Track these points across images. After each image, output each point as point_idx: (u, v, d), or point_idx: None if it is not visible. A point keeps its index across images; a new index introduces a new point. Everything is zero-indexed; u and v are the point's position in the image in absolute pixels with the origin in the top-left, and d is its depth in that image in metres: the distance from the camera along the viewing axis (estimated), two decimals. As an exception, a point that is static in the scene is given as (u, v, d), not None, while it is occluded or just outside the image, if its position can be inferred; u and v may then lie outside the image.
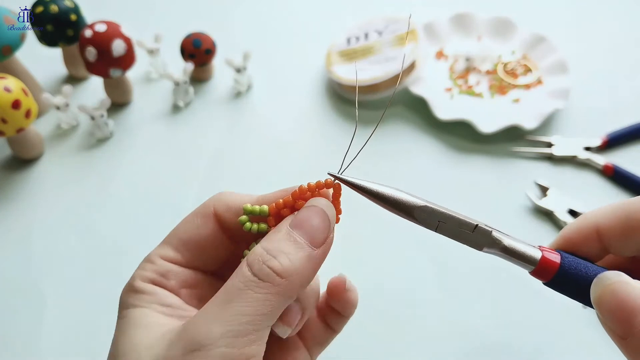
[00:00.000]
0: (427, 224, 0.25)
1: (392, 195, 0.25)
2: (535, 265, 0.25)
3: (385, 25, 0.69)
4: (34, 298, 0.49)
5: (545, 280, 0.26)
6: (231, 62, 0.65)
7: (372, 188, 0.26)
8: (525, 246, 0.25)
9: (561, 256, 0.25)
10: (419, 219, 0.25)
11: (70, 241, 0.53)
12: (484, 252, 0.26)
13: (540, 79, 0.66)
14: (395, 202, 0.25)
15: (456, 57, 0.69)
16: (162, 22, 0.79)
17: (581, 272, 0.25)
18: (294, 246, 0.24)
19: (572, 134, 0.61)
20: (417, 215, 0.25)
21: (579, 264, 0.25)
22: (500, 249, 0.25)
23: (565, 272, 0.25)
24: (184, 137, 0.64)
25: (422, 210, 0.25)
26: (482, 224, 0.25)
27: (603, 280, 0.23)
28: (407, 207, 0.25)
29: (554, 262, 0.25)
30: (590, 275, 0.25)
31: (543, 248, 0.26)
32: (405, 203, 0.25)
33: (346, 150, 0.27)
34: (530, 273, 0.26)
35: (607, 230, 0.25)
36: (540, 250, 0.25)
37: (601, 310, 0.22)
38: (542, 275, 0.25)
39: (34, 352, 0.46)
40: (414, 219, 0.25)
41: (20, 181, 0.59)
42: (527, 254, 0.25)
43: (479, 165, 0.59)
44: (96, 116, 0.60)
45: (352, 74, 0.65)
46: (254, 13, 0.81)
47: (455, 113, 0.61)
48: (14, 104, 0.53)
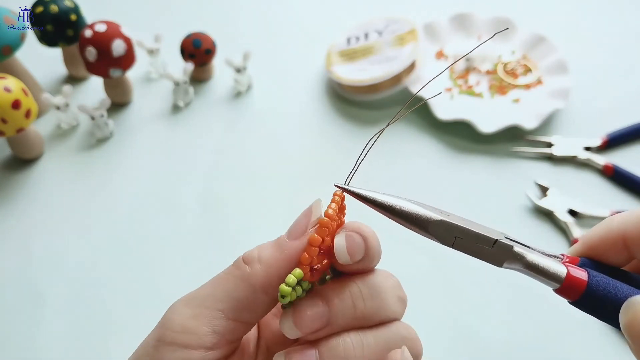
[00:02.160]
0: (443, 240, 0.23)
1: (404, 209, 0.23)
2: (560, 283, 0.23)
3: (385, 25, 0.69)
4: (34, 298, 0.49)
5: (571, 300, 0.24)
6: (231, 62, 0.65)
7: (382, 200, 0.23)
8: (549, 262, 0.23)
9: (589, 275, 0.23)
10: (434, 234, 0.23)
11: (70, 241, 0.53)
12: (504, 268, 0.23)
13: (540, 79, 0.66)
14: (408, 216, 0.23)
15: (456, 57, 0.69)
16: (162, 22, 0.79)
17: (610, 293, 0.23)
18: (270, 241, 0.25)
19: (572, 134, 0.61)
20: (432, 230, 0.23)
21: (608, 284, 0.23)
22: (523, 265, 0.23)
23: (593, 292, 0.23)
24: (184, 137, 0.64)
25: (438, 225, 0.23)
26: (503, 236, 0.23)
27: (634, 305, 0.21)
28: (422, 222, 0.23)
29: (581, 281, 0.23)
30: (621, 297, 0.22)
31: (567, 263, 0.24)
32: (419, 217, 0.23)
33: (356, 161, 0.25)
34: (555, 291, 0.24)
35: (636, 239, 0.24)
36: (565, 267, 0.23)
37: (631, 337, 0.20)
38: (567, 294, 0.23)
39: (34, 352, 0.46)
40: (428, 235, 0.23)
41: (20, 181, 0.59)
42: (551, 271, 0.23)
43: (479, 165, 0.59)
44: (96, 116, 0.60)
45: (352, 74, 0.65)
46: (254, 13, 0.81)
47: (455, 113, 0.61)
48: (14, 104, 0.53)
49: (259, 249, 0.25)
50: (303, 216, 0.25)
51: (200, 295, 0.24)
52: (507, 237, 0.23)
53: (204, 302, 0.24)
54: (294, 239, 0.24)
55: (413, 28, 0.66)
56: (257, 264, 0.24)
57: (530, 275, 0.23)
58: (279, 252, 0.24)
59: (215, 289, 0.24)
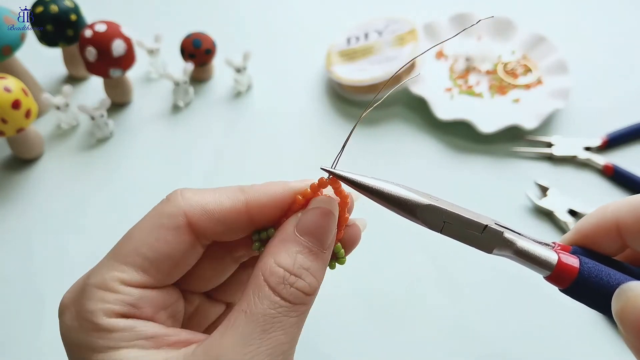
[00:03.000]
0: (431, 225, 0.23)
1: (392, 193, 0.23)
2: (551, 270, 0.23)
3: (385, 25, 0.69)
4: (34, 298, 0.49)
5: (562, 287, 0.23)
6: (231, 62, 0.65)
7: (370, 184, 0.23)
8: (540, 249, 0.23)
9: (580, 261, 0.23)
10: (422, 219, 0.23)
11: (70, 241, 0.53)
12: (494, 255, 0.23)
13: (540, 79, 0.66)
14: (396, 200, 0.23)
15: (456, 57, 0.69)
16: (162, 22, 0.79)
17: (602, 280, 0.22)
18: (311, 257, 0.23)
19: (572, 134, 0.61)
20: (420, 215, 0.23)
21: (600, 271, 0.22)
22: (513, 252, 0.23)
23: (585, 279, 0.22)
24: (184, 137, 0.64)
25: (426, 209, 0.22)
26: (493, 222, 0.23)
27: (626, 292, 0.20)
28: (410, 206, 0.23)
29: (573, 268, 0.22)
30: (613, 284, 0.22)
31: (559, 250, 0.24)
32: (407, 202, 0.23)
33: (342, 144, 0.25)
34: (545, 278, 0.23)
35: (630, 226, 0.23)
36: (556, 254, 0.23)
37: (623, 325, 0.20)
38: (558, 281, 0.23)
39: (34, 352, 0.46)
40: (416, 219, 0.23)
41: (20, 181, 0.59)
42: (542, 258, 0.23)
43: (479, 165, 0.59)
44: (96, 116, 0.60)
45: (352, 74, 0.65)
46: (254, 13, 0.81)
47: (455, 113, 0.61)
48: (14, 104, 0.53)
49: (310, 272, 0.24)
50: (329, 222, 0.25)
51: None
52: (497, 224, 0.23)
53: None
54: (328, 248, 0.24)
55: (413, 28, 0.66)
56: None
57: (521, 262, 0.23)
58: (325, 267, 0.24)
59: None
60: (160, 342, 0.22)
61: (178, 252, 0.24)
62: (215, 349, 0.21)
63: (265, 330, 0.21)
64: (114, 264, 0.23)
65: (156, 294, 0.24)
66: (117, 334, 0.22)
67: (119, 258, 0.23)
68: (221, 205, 0.24)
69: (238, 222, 0.25)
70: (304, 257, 0.23)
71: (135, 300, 0.23)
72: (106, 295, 0.22)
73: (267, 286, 0.22)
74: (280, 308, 0.21)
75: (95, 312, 0.22)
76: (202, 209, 0.24)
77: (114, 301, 0.22)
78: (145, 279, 0.23)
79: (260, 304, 0.21)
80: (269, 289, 0.22)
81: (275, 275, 0.22)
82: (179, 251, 0.24)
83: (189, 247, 0.24)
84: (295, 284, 0.22)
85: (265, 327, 0.21)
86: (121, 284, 0.23)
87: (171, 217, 0.24)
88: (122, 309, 0.22)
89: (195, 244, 0.25)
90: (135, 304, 0.23)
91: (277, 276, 0.22)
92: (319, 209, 0.24)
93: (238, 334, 0.21)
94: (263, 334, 0.21)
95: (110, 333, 0.22)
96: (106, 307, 0.22)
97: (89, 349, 0.22)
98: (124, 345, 0.21)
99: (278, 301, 0.22)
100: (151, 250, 0.23)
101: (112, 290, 0.22)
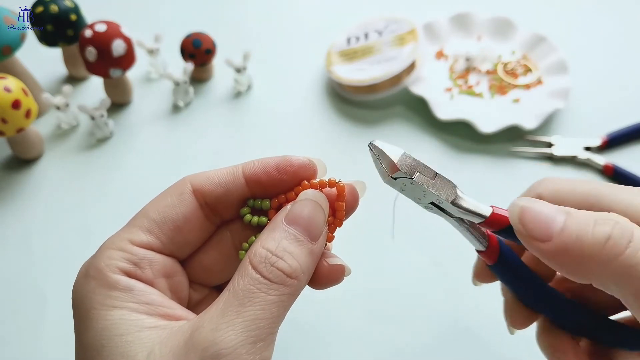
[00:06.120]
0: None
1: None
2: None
3: (385, 25, 0.69)
4: (34, 298, 0.49)
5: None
6: (231, 62, 0.65)
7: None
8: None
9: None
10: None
11: (70, 241, 0.53)
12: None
13: (540, 79, 0.66)
14: None
15: (456, 57, 0.69)
16: (162, 22, 0.79)
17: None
18: (295, 244, 0.24)
19: (572, 134, 0.61)
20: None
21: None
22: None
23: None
24: (184, 137, 0.64)
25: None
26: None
27: (520, 201, 0.24)
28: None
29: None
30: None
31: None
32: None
33: None
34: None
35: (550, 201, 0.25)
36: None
37: (524, 223, 0.23)
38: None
39: (34, 352, 0.46)
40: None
41: (20, 181, 0.59)
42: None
43: (479, 165, 0.59)
44: (96, 116, 0.60)
45: (352, 74, 0.65)
46: (254, 13, 0.81)
47: (455, 113, 0.61)
48: (14, 104, 0.53)
49: (292, 256, 0.25)
50: (316, 214, 0.26)
51: None
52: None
53: None
54: (315, 240, 0.25)
55: (413, 28, 0.66)
56: None
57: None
58: (311, 258, 0.25)
59: None
60: (154, 310, 0.23)
61: (182, 215, 0.26)
62: (198, 322, 0.22)
63: (243, 304, 0.22)
64: (126, 228, 0.25)
65: (159, 259, 0.25)
66: (115, 292, 0.23)
67: (130, 223, 0.26)
68: (220, 171, 0.27)
69: (235, 185, 0.27)
70: (288, 243, 0.24)
71: (138, 260, 0.24)
72: (114, 252, 0.24)
73: (250, 266, 0.23)
74: (259, 285, 0.22)
75: (101, 268, 0.23)
76: (204, 176, 0.27)
77: (118, 257, 0.24)
78: (151, 239, 0.25)
79: (241, 281, 0.23)
80: (251, 268, 0.23)
81: (258, 255, 0.23)
82: (183, 215, 0.26)
83: (192, 210, 0.26)
84: (276, 263, 0.23)
85: (243, 301, 0.22)
86: (129, 243, 0.25)
87: (177, 186, 0.27)
88: (125, 266, 0.24)
89: (198, 211, 0.26)
90: (138, 263, 0.24)
91: (260, 256, 0.23)
92: (307, 201, 0.25)
93: (219, 308, 0.22)
94: (240, 307, 0.22)
95: (110, 290, 0.23)
96: (111, 263, 0.24)
97: (89, 305, 0.23)
98: (118, 305, 0.23)
99: (257, 277, 0.23)
100: (157, 213, 0.25)
101: (120, 249, 0.24)
